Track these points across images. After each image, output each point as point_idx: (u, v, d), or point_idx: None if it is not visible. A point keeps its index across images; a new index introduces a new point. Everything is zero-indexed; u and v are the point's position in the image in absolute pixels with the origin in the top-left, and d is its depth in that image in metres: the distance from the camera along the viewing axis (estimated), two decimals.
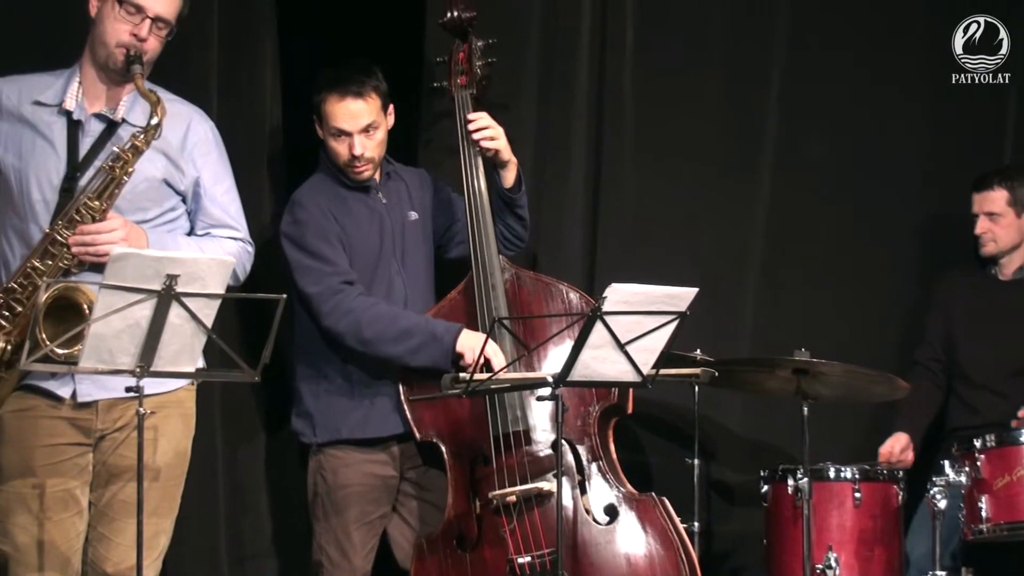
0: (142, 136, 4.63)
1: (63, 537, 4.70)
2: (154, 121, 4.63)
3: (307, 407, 5.26)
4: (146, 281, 4.25)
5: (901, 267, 6.08)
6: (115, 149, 4.63)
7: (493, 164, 5.34)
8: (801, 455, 5.31)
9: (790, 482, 5.41)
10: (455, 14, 5.42)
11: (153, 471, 4.71)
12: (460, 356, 5.07)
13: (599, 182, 5.92)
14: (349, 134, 5.20)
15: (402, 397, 5.19)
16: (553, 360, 5.07)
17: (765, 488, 5.55)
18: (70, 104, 4.73)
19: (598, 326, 4.50)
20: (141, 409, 4.38)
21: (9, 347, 4.62)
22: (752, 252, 6.00)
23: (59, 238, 4.61)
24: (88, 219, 4.61)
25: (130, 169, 4.63)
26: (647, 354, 4.61)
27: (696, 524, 5.52)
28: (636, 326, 4.54)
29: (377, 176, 5.32)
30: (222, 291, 4.36)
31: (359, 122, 5.19)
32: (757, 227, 6.01)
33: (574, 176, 5.89)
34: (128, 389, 4.36)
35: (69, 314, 4.51)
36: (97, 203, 4.61)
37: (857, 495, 5.44)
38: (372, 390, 5.20)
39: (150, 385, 4.43)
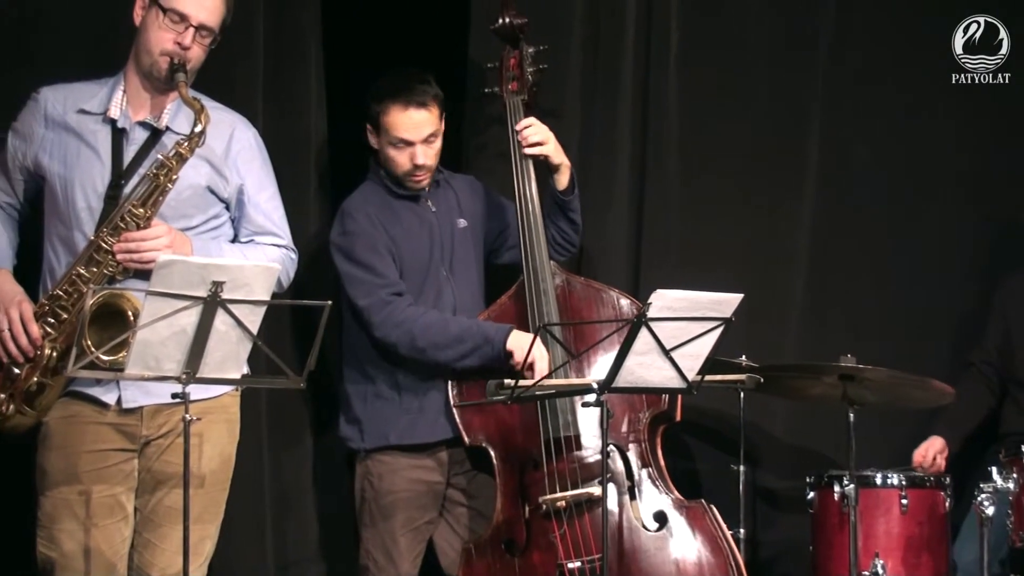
0: (186, 143, 4.65)
1: (109, 543, 4.72)
2: (198, 128, 4.64)
3: (356, 413, 5.26)
4: (192, 288, 4.25)
5: (948, 271, 6.03)
6: (159, 157, 4.65)
7: (547, 167, 5.34)
8: (847, 461, 5.28)
9: (836, 488, 5.37)
10: (507, 20, 5.42)
11: (198, 477, 4.73)
12: (510, 355, 5.07)
13: (643, 186, 5.91)
14: (412, 144, 5.20)
15: (451, 402, 5.19)
16: (602, 366, 5.05)
17: (811, 495, 5.51)
18: (114, 112, 4.75)
19: (643, 332, 4.49)
20: (187, 415, 4.39)
21: (55, 353, 4.65)
22: (798, 257, 5.97)
23: (104, 245, 4.63)
24: (133, 226, 4.63)
25: (174, 176, 4.65)
26: (692, 360, 4.60)
27: (742, 531, 5.50)
28: (681, 332, 4.53)
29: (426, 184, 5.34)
30: (267, 298, 4.37)
31: (422, 132, 5.20)
32: (802, 231, 5.97)
33: (619, 180, 5.88)
34: (174, 395, 4.37)
35: (114, 321, 4.54)
36: (141, 210, 4.63)
37: (904, 501, 5.40)
38: (420, 396, 5.21)
39: (195, 391, 4.43)
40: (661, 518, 5.09)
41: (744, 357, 5.48)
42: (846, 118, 6.01)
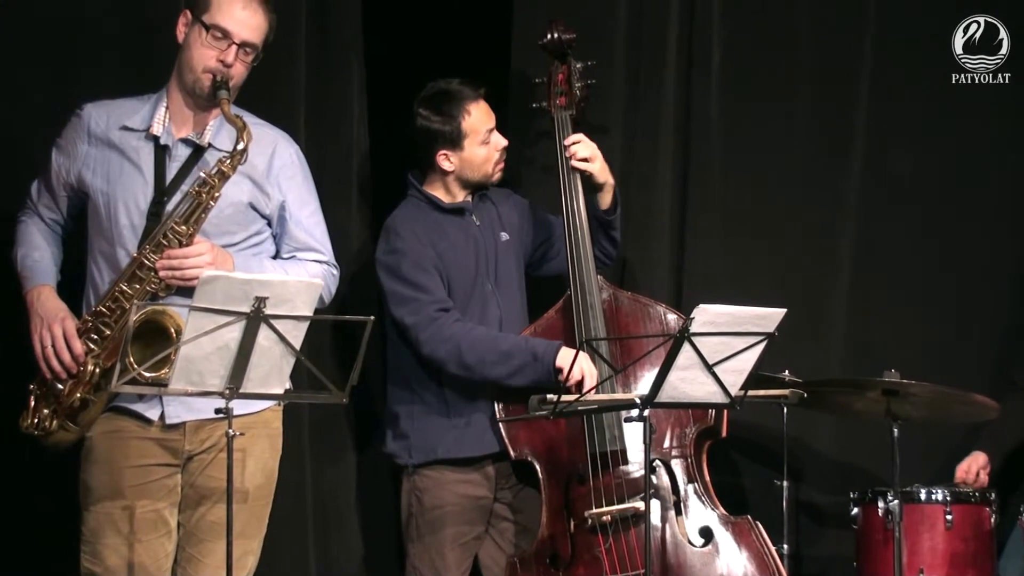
0: (228, 161, 4.66)
1: (152, 558, 4.74)
2: (240, 146, 4.65)
3: (402, 429, 5.27)
4: (235, 303, 4.27)
5: (992, 286, 6.00)
6: (201, 174, 4.66)
7: (590, 185, 5.34)
8: (891, 477, 5.26)
9: (880, 504, 5.36)
10: (556, 36, 5.44)
11: (241, 492, 4.73)
12: (560, 373, 5.06)
13: (686, 201, 5.91)
14: (493, 130, 5.31)
15: (497, 416, 5.19)
16: (648, 381, 5.03)
17: (855, 510, 5.49)
18: (157, 129, 4.77)
19: (686, 347, 4.49)
20: (231, 431, 4.40)
21: (98, 370, 4.66)
22: (841, 270, 5.96)
23: (146, 262, 4.64)
24: (175, 243, 4.64)
25: (216, 194, 4.66)
26: (735, 375, 4.59)
27: (785, 546, 5.47)
28: (724, 347, 4.52)
29: (470, 198, 5.34)
30: (310, 313, 4.38)
31: (494, 118, 5.35)
32: (846, 246, 5.96)
33: (661, 196, 5.88)
34: (218, 411, 4.39)
35: (156, 338, 4.55)
36: (184, 227, 4.64)
37: (949, 517, 5.37)
38: (467, 409, 5.22)
39: (237, 406, 4.44)
40: (707, 534, 5.08)
41: (787, 372, 5.46)
42: (890, 130, 5.99)
